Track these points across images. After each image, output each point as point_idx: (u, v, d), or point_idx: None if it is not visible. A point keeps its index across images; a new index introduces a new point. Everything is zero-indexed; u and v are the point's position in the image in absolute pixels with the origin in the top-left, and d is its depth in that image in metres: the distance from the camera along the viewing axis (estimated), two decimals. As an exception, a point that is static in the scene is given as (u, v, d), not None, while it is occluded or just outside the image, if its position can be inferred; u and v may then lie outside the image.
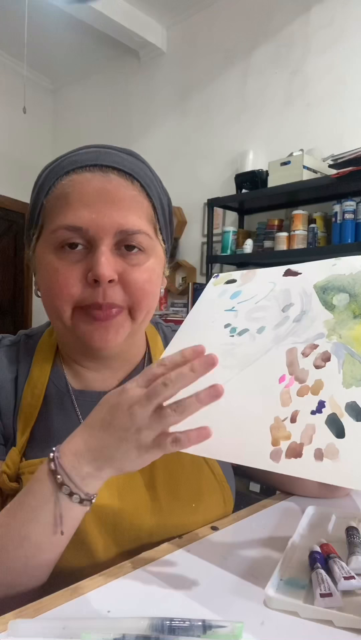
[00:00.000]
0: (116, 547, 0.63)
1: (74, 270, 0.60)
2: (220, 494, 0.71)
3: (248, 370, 0.58)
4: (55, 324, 0.66)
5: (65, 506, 0.51)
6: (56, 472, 0.51)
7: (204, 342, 0.64)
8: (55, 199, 0.62)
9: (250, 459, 0.52)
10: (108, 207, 0.60)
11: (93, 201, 0.60)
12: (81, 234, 0.60)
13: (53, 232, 0.61)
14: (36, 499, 0.52)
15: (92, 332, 0.62)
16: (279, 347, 0.58)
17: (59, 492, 0.51)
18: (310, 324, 0.58)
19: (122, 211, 0.61)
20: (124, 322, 0.64)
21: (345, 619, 0.46)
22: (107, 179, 0.61)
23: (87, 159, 0.62)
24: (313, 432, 0.49)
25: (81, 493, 0.51)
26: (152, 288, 0.65)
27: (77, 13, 3.31)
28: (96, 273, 0.59)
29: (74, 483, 0.51)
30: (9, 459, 0.64)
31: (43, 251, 0.63)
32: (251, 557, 0.59)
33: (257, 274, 0.70)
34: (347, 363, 0.52)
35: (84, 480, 0.51)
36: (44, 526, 0.51)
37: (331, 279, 0.61)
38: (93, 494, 0.52)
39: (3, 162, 4.26)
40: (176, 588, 0.52)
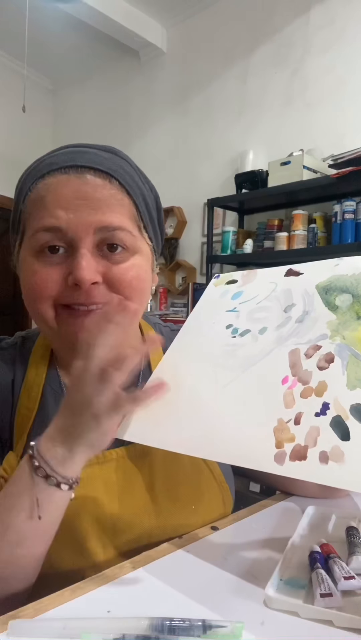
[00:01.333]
0: (116, 550, 0.62)
1: (52, 271, 0.60)
2: (219, 495, 0.71)
3: (250, 371, 0.57)
4: (42, 327, 0.65)
5: (41, 490, 0.52)
6: (33, 456, 0.52)
7: (206, 343, 0.64)
8: (32, 203, 0.61)
9: (254, 462, 0.51)
10: (86, 207, 0.59)
11: (70, 202, 0.59)
12: (60, 236, 0.59)
13: (32, 235, 0.60)
14: (16, 486, 0.53)
15: (76, 332, 0.61)
16: (282, 348, 0.57)
17: (35, 476, 0.52)
18: (313, 325, 0.58)
19: (100, 209, 0.59)
20: None
21: (345, 619, 0.46)
22: (83, 180, 0.59)
23: (63, 160, 0.61)
24: (318, 434, 0.49)
25: (57, 476, 0.51)
26: (140, 284, 0.63)
27: (77, 13, 3.31)
28: (76, 277, 0.58)
29: (49, 466, 0.52)
30: (6, 462, 0.63)
31: (25, 255, 0.63)
32: (251, 557, 0.59)
33: (258, 274, 0.69)
34: (351, 364, 0.52)
35: (61, 462, 0.52)
36: (23, 511, 0.52)
37: (334, 280, 0.61)
38: (71, 477, 0.52)
39: (3, 162, 4.26)
40: (176, 588, 0.52)
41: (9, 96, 4.07)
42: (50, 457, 0.52)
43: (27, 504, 0.52)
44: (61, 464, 0.52)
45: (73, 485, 0.53)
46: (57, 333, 0.63)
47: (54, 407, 0.68)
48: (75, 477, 0.53)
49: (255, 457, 0.51)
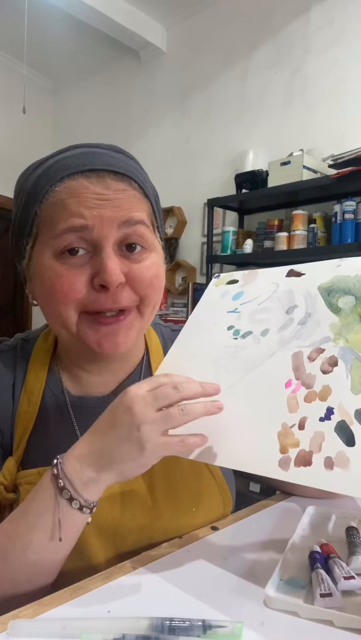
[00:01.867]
0: (116, 552, 0.62)
1: (78, 274, 0.58)
2: (220, 497, 0.71)
3: (252, 374, 0.56)
4: (59, 332, 0.64)
5: (64, 511, 0.51)
6: (58, 476, 0.51)
7: (207, 344, 0.63)
8: (52, 206, 0.59)
9: (258, 467, 0.51)
10: (109, 208, 0.59)
11: (93, 205, 0.58)
12: (85, 235, 0.58)
13: (55, 237, 0.59)
14: (38, 505, 0.52)
15: (100, 340, 0.60)
16: (285, 351, 0.57)
17: (60, 497, 0.51)
18: (316, 327, 0.57)
19: (123, 209, 0.60)
20: (132, 322, 0.62)
21: (345, 619, 0.46)
22: (104, 184, 0.59)
23: (80, 163, 0.60)
24: (323, 439, 0.48)
25: (80, 499, 0.51)
26: (159, 282, 0.65)
27: (77, 13, 3.31)
28: (104, 279, 0.57)
29: (74, 488, 0.50)
30: (5, 469, 0.63)
31: (42, 258, 0.61)
32: (251, 557, 0.59)
33: (259, 274, 0.68)
34: (355, 368, 0.51)
35: (85, 485, 0.51)
36: (45, 532, 0.51)
37: (336, 281, 0.60)
38: (93, 501, 0.52)
39: (3, 162, 4.25)
40: (176, 588, 0.52)
41: (9, 96, 4.07)
42: (75, 478, 0.51)
43: (49, 525, 0.51)
44: (85, 487, 0.51)
45: (92, 510, 0.52)
46: (75, 337, 0.62)
47: (54, 411, 0.67)
48: (95, 502, 0.52)
49: (259, 463, 0.51)
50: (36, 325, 4.48)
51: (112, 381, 0.70)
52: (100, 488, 0.52)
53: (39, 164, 0.64)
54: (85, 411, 0.68)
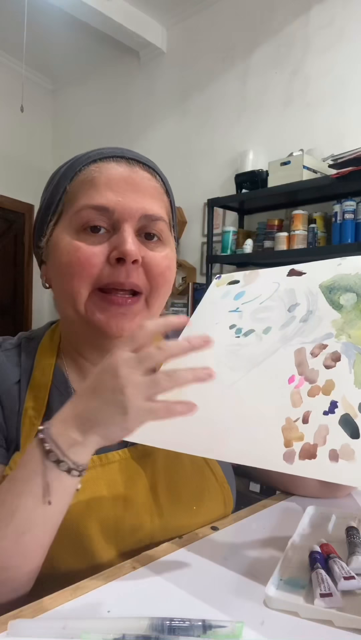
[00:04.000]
0: (117, 551, 0.62)
1: (96, 249, 0.61)
2: (221, 495, 0.71)
3: (255, 371, 0.57)
4: (67, 312, 0.65)
5: (52, 475, 0.50)
6: (44, 440, 0.50)
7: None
8: (81, 183, 0.63)
9: (263, 461, 0.51)
10: (134, 192, 0.62)
11: (119, 186, 0.62)
12: (106, 216, 0.61)
13: (77, 212, 0.62)
14: (26, 470, 0.51)
15: (108, 320, 0.62)
16: (287, 348, 0.57)
17: (46, 460, 0.50)
18: (318, 324, 0.58)
19: (147, 198, 0.63)
20: (140, 310, 0.64)
21: (345, 619, 0.46)
22: (132, 169, 0.64)
23: (113, 151, 0.65)
24: (327, 432, 0.49)
25: (68, 461, 0.50)
26: (171, 276, 0.66)
27: (77, 13, 3.31)
28: (122, 250, 0.59)
29: (61, 450, 0.50)
30: (12, 463, 0.63)
31: (62, 234, 0.63)
32: (251, 557, 0.59)
33: (260, 274, 0.69)
34: (358, 363, 0.52)
35: (72, 447, 0.50)
36: (33, 497, 0.50)
37: (337, 279, 0.61)
38: (81, 463, 0.51)
39: (3, 162, 4.26)
40: (176, 588, 0.52)
41: (9, 96, 4.07)
42: (62, 441, 0.50)
43: (37, 489, 0.50)
44: (72, 448, 0.50)
45: (82, 473, 0.51)
46: (83, 318, 0.63)
47: (60, 407, 0.67)
48: (84, 464, 0.51)
49: (264, 456, 0.51)
50: (36, 324, 4.48)
51: None
52: (87, 450, 0.51)
53: (73, 157, 0.68)
54: None
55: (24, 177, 4.23)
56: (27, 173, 4.24)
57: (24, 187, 4.19)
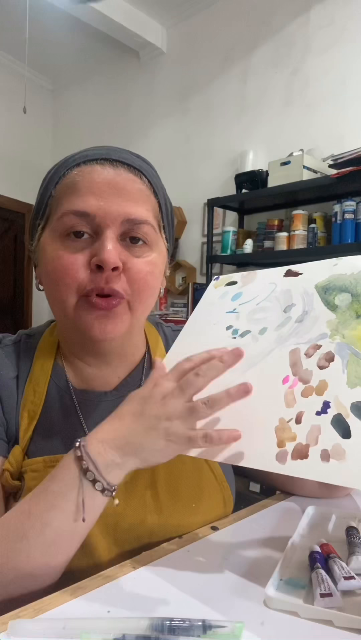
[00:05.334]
0: (117, 548, 0.63)
1: (78, 256, 0.60)
2: (220, 494, 0.71)
3: (251, 371, 0.57)
4: (58, 315, 0.66)
5: (88, 493, 0.51)
6: (82, 458, 0.52)
7: (206, 344, 0.63)
8: (64, 187, 0.63)
9: (256, 461, 0.52)
10: (116, 196, 0.61)
11: (102, 190, 0.61)
12: (88, 221, 0.60)
13: (60, 218, 0.62)
14: (60, 485, 0.53)
15: (92, 322, 0.62)
16: (282, 348, 0.58)
17: (83, 479, 0.51)
18: (313, 325, 0.58)
19: (130, 201, 0.62)
20: (123, 313, 0.63)
21: (345, 619, 0.46)
22: (116, 172, 0.62)
23: (98, 153, 0.64)
24: (319, 432, 0.49)
25: (104, 481, 0.51)
26: (153, 281, 0.65)
27: (77, 13, 3.31)
28: (101, 258, 0.59)
29: (98, 470, 0.51)
30: (12, 456, 0.64)
31: (48, 239, 0.63)
32: (251, 557, 0.59)
33: (258, 275, 0.69)
34: (351, 363, 0.52)
35: (108, 467, 0.52)
36: (66, 512, 0.51)
37: (333, 279, 0.61)
38: (114, 484, 0.52)
39: (3, 162, 4.26)
40: (176, 588, 0.52)
41: (9, 96, 4.07)
42: (100, 461, 0.52)
43: (71, 505, 0.51)
44: (109, 469, 0.52)
45: (113, 492, 0.53)
46: (72, 322, 0.63)
47: (59, 402, 0.68)
48: (117, 485, 0.53)
49: (257, 457, 0.52)
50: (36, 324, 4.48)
51: (113, 377, 0.71)
52: (123, 473, 0.53)
53: (64, 158, 0.67)
54: (88, 403, 0.69)
55: (24, 177, 4.23)
56: (27, 173, 4.24)
57: (24, 187, 4.18)
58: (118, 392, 0.70)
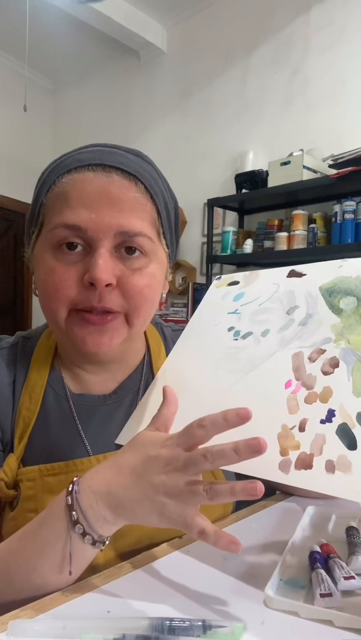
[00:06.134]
0: (116, 551, 0.62)
1: (70, 271, 0.58)
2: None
3: (252, 374, 0.56)
4: (52, 325, 0.64)
5: (76, 545, 0.49)
6: (72, 507, 0.48)
7: (207, 345, 0.63)
8: (55, 197, 0.60)
9: (258, 470, 0.49)
10: (109, 207, 0.58)
11: (93, 201, 0.58)
12: (80, 234, 0.58)
13: (51, 230, 0.59)
14: (49, 532, 0.50)
15: (85, 336, 0.60)
16: (285, 351, 0.56)
17: (72, 531, 0.48)
18: (317, 328, 0.56)
19: (123, 212, 0.58)
20: (119, 327, 0.61)
21: (345, 619, 0.46)
22: (109, 179, 0.59)
23: (90, 157, 0.60)
24: (323, 442, 0.48)
25: (94, 534, 0.49)
26: (151, 294, 0.62)
27: (77, 13, 3.31)
28: (93, 276, 0.56)
29: (88, 523, 0.48)
30: (6, 465, 0.63)
31: (41, 250, 0.61)
32: (251, 557, 0.59)
33: (260, 275, 0.68)
34: (357, 370, 0.50)
35: (99, 522, 0.48)
36: (53, 563, 0.49)
37: (338, 282, 0.59)
38: (106, 537, 0.50)
39: (3, 162, 4.26)
40: (176, 588, 0.52)
41: (10, 96, 4.07)
42: (91, 515, 0.48)
43: (58, 556, 0.49)
44: (100, 524, 0.49)
45: (105, 544, 0.50)
46: (65, 334, 0.62)
47: (55, 408, 0.67)
48: (107, 538, 0.50)
49: (259, 465, 0.49)
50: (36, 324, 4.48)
51: (112, 381, 0.70)
52: (115, 528, 0.50)
53: (57, 159, 0.64)
54: (86, 408, 0.68)
55: (24, 177, 4.21)
56: (27, 173, 4.22)
57: (24, 187, 4.17)
58: (117, 396, 0.70)
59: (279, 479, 0.48)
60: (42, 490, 0.62)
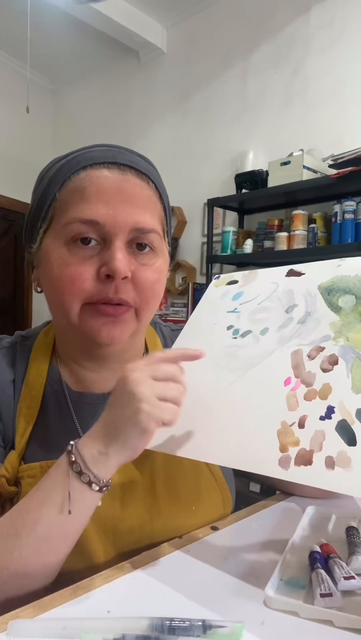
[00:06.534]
0: (116, 551, 0.62)
1: (86, 265, 0.60)
2: (219, 496, 0.71)
3: (251, 372, 0.56)
4: (60, 320, 0.65)
5: (74, 485, 0.52)
6: (71, 452, 0.52)
7: (207, 344, 0.63)
8: (71, 192, 0.61)
9: (258, 466, 0.50)
10: (125, 204, 0.60)
11: (110, 197, 0.60)
12: (96, 229, 0.60)
13: (66, 224, 0.60)
14: (51, 480, 0.53)
15: (100, 328, 0.61)
16: (284, 349, 0.57)
17: (70, 471, 0.52)
18: (315, 326, 0.57)
19: (138, 209, 0.61)
20: (130, 320, 0.63)
21: (345, 619, 0.46)
22: (125, 177, 0.61)
23: (105, 156, 0.62)
24: (323, 438, 0.48)
25: (90, 474, 0.51)
26: (160, 289, 0.65)
27: (77, 13, 3.31)
28: (112, 268, 0.58)
29: (84, 462, 0.52)
30: (7, 462, 0.63)
31: (52, 244, 0.62)
32: (251, 557, 0.59)
33: (259, 274, 0.69)
34: (356, 367, 0.51)
35: (95, 459, 0.52)
36: (55, 506, 0.52)
37: (336, 280, 0.60)
38: (102, 478, 0.52)
39: (3, 162, 4.26)
40: (176, 588, 0.52)
41: (10, 96, 4.07)
42: (86, 452, 0.52)
43: (59, 499, 0.52)
44: (95, 461, 0.52)
45: (103, 488, 0.52)
46: (76, 327, 0.63)
47: (55, 406, 0.68)
48: (106, 480, 0.52)
49: (259, 461, 0.50)
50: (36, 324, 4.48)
51: (111, 379, 0.70)
52: (110, 464, 0.52)
53: (63, 157, 0.66)
54: (85, 407, 0.68)
55: (24, 177, 4.21)
56: (27, 173, 4.21)
57: (24, 187, 4.16)
58: None
59: (279, 475, 0.48)
60: None
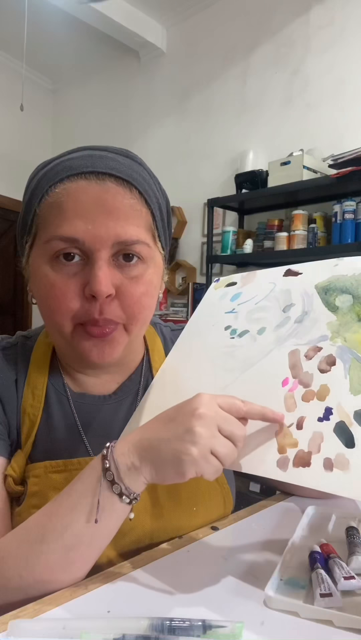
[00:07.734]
0: (116, 551, 0.62)
1: (70, 284, 0.58)
2: (220, 496, 0.71)
3: (249, 372, 0.56)
4: (55, 337, 0.64)
5: (105, 494, 0.50)
6: (106, 457, 0.51)
7: (205, 345, 0.63)
8: (49, 207, 0.59)
9: (256, 467, 0.50)
10: (105, 217, 0.57)
11: (89, 211, 0.57)
12: (77, 245, 0.57)
13: (47, 242, 0.59)
14: (82, 485, 0.52)
15: (90, 348, 0.61)
16: (281, 349, 0.57)
17: (103, 479, 0.50)
18: (312, 325, 0.57)
19: (119, 221, 0.58)
20: (120, 337, 0.62)
21: (345, 619, 0.46)
22: (104, 187, 0.58)
23: (82, 164, 0.59)
24: (321, 440, 0.48)
25: (122, 484, 0.50)
26: (148, 301, 0.63)
27: (77, 13, 3.31)
28: (93, 289, 0.56)
29: (118, 471, 0.50)
30: (14, 462, 0.63)
31: (37, 261, 0.61)
32: (251, 557, 0.59)
33: (257, 275, 0.69)
34: (353, 368, 0.51)
35: (128, 470, 0.50)
36: (84, 514, 0.50)
37: (333, 280, 0.60)
38: (133, 491, 0.51)
39: (3, 162, 4.26)
40: (176, 588, 0.52)
41: (9, 96, 4.07)
42: (121, 461, 0.51)
43: (88, 507, 0.50)
44: (128, 472, 0.50)
45: (133, 501, 0.51)
46: (70, 345, 0.62)
47: (58, 406, 0.68)
48: (135, 494, 0.51)
49: (258, 463, 0.50)
50: (36, 324, 4.49)
51: (111, 382, 0.71)
52: (140, 479, 0.51)
53: (47, 163, 0.63)
54: (87, 408, 0.68)
55: (24, 177, 4.20)
56: (27, 173, 4.19)
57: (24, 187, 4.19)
58: (117, 397, 0.70)
59: (277, 476, 0.48)
60: (47, 486, 0.62)
